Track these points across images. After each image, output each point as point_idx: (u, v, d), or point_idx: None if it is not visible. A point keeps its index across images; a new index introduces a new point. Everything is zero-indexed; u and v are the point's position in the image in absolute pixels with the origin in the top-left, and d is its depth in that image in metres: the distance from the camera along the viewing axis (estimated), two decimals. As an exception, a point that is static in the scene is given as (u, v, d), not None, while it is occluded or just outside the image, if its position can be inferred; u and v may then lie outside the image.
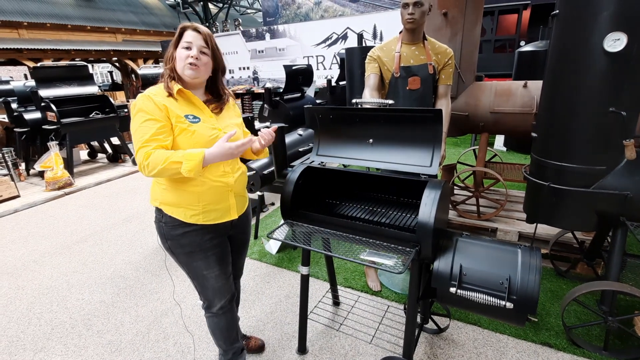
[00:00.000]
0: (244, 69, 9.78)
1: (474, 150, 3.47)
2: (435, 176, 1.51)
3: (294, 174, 1.64)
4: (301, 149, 2.92)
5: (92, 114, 5.60)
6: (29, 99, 5.65)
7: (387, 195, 1.85)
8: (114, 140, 6.22)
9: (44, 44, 11.52)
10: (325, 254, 1.73)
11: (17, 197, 4.66)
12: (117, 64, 15.68)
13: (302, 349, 1.89)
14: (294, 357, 1.88)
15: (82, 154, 6.91)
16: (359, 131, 1.62)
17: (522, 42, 5.82)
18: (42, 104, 5.16)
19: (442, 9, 2.60)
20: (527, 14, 6.24)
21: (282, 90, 4.38)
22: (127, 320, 2.25)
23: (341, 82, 5.60)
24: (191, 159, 1.22)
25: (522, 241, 2.51)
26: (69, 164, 5.25)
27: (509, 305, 1.22)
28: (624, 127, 1.57)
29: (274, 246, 2.92)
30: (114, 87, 14.85)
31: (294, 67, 4.39)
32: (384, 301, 2.26)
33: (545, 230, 2.44)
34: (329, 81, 5.42)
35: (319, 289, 2.43)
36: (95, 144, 6.74)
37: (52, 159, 4.87)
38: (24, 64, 11.22)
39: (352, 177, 1.90)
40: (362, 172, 1.73)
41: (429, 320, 1.92)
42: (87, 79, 5.83)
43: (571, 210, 1.78)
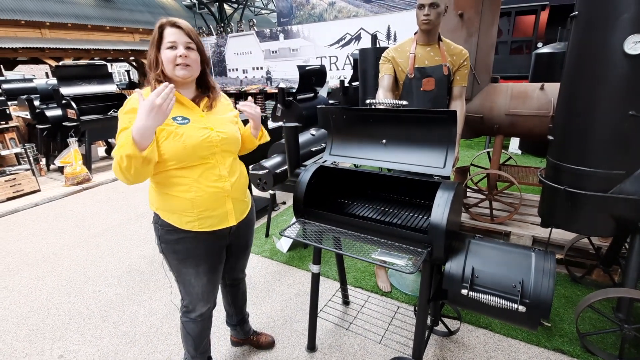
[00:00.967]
0: (257, 69, 9.86)
1: (488, 152, 3.43)
2: (448, 178, 1.51)
3: (306, 173, 1.66)
4: (314, 149, 2.94)
5: (110, 112, 5.75)
6: (50, 96, 5.83)
7: (399, 195, 1.85)
8: (130, 137, 6.36)
9: (65, 43, 11.86)
10: (336, 252, 1.74)
11: (38, 191, 4.82)
12: (134, 63, 16.01)
13: (311, 347, 1.91)
14: (304, 355, 1.90)
15: (100, 150, 7.09)
16: (372, 131, 1.62)
17: (540, 44, 5.71)
18: (63, 102, 5.32)
19: (458, 9, 2.58)
20: (545, 15, 6.12)
21: (295, 90, 4.41)
22: (141, 312, 2.31)
23: (354, 83, 5.60)
24: (123, 144, 1.09)
25: (536, 246, 2.47)
26: (88, 160, 5.40)
27: (522, 308, 1.21)
28: (644, 131, 1.53)
29: (285, 244, 2.95)
30: (131, 85, 15.17)
31: (307, 68, 4.42)
32: (393, 302, 2.26)
33: (560, 235, 2.40)
34: (341, 82, 5.43)
35: (329, 288, 2.44)
36: (112, 141, 6.90)
37: (72, 155, 5.02)
38: (46, 63, 11.57)
39: (365, 177, 1.91)
40: (375, 172, 1.74)
41: (439, 322, 1.92)
42: (106, 77, 5.99)
43: (588, 215, 1.75)
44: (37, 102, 5.86)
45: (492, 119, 2.71)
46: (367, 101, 1.65)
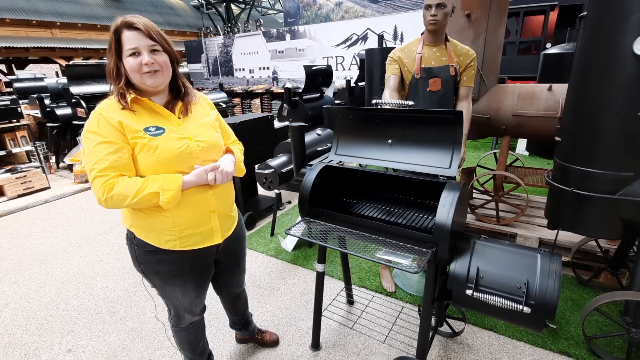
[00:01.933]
0: (264, 69, 9.91)
1: (495, 153, 3.41)
2: (454, 178, 1.51)
3: (312, 173, 1.67)
4: (319, 149, 2.95)
5: (119, 111, 5.82)
6: (60, 95, 5.93)
7: (404, 196, 1.85)
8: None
9: (75, 43, 12.04)
10: (341, 251, 1.75)
11: (48, 188, 4.91)
12: (142, 63, 16.16)
13: (315, 345, 1.92)
14: (308, 353, 1.91)
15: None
16: (378, 131, 1.63)
17: (549, 44, 5.66)
18: (73, 100, 5.41)
19: (466, 10, 2.57)
20: (554, 15, 6.06)
21: (301, 90, 4.42)
22: (148, 309, 2.34)
23: (360, 83, 5.60)
24: (169, 188, 1.06)
25: (542, 248, 2.45)
26: (96, 158, 5.46)
27: (527, 309, 1.21)
28: (653, 133, 1.52)
29: (290, 243, 2.96)
30: (139, 85, 15.35)
31: (313, 68, 4.43)
32: (398, 302, 2.26)
33: (567, 237, 2.38)
34: (348, 82, 5.43)
35: (334, 287, 2.45)
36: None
37: (81, 153, 5.09)
38: (56, 62, 11.75)
39: (370, 176, 1.91)
40: (380, 172, 1.74)
41: (444, 323, 1.92)
42: (115, 77, 6.06)
43: (595, 217, 1.73)
44: (47, 101, 5.96)
45: (499, 120, 2.70)
46: (373, 101, 1.65)
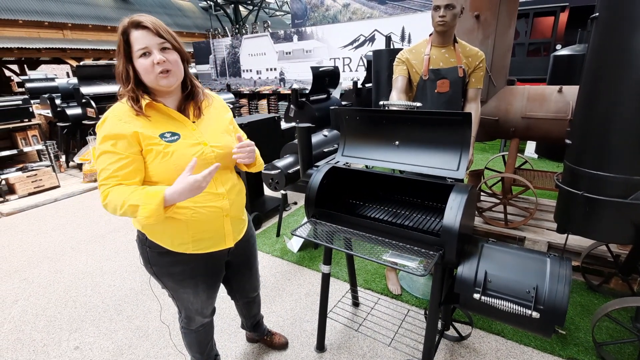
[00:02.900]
0: (271, 70, 9.95)
1: (503, 156, 3.37)
2: (461, 180, 1.50)
3: (318, 174, 1.67)
4: (326, 150, 2.95)
5: (128, 111, 5.88)
6: (71, 95, 6.02)
7: (411, 198, 1.84)
8: (146, 136, 6.50)
9: (86, 44, 12.22)
10: (347, 252, 1.74)
11: (58, 187, 4.98)
12: (151, 64, 16.34)
13: (320, 347, 1.91)
14: (313, 355, 1.91)
15: (117, 148, 7.26)
16: (385, 133, 1.62)
17: (559, 46, 5.59)
18: (83, 101, 5.48)
19: (474, 11, 2.55)
20: (564, 17, 5.98)
21: (308, 91, 4.43)
22: (154, 308, 2.35)
23: (367, 85, 5.59)
24: (148, 202, 1.01)
25: (551, 252, 2.42)
26: (105, 157, 5.53)
27: (535, 315, 1.19)
28: (667, 136, 1.49)
29: (295, 244, 2.96)
30: (148, 85, 15.51)
31: (320, 69, 4.43)
32: (404, 305, 2.25)
33: (577, 241, 2.34)
34: (355, 83, 5.43)
35: (339, 289, 2.44)
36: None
37: (90, 152, 5.17)
38: (67, 63, 11.94)
39: (377, 178, 1.91)
40: (387, 173, 1.73)
41: (450, 327, 1.90)
42: (124, 77, 6.12)
43: (606, 221, 1.70)
44: (58, 101, 6.05)
45: (507, 122, 2.67)
46: (381, 102, 1.65)
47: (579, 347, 1.85)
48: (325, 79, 4.55)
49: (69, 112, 5.64)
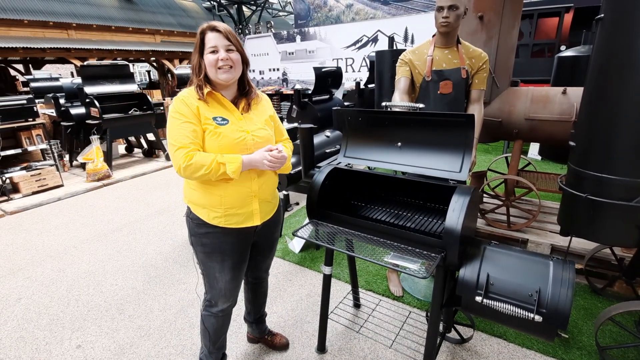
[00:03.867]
0: (274, 70, 9.95)
1: (507, 157, 3.35)
2: (464, 182, 1.49)
3: (320, 175, 1.67)
4: (328, 150, 2.95)
5: (131, 111, 5.91)
6: (75, 95, 6.05)
7: (413, 199, 1.83)
8: (149, 136, 6.53)
9: (90, 44, 12.27)
10: (348, 254, 1.74)
11: (61, 186, 5.00)
12: (154, 64, 16.42)
13: (321, 348, 1.91)
14: (313, 356, 1.90)
15: (120, 148, 7.30)
16: (387, 134, 1.62)
17: (563, 47, 5.55)
18: (87, 100, 5.51)
19: (478, 12, 2.54)
20: (569, 17, 5.95)
21: (311, 91, 4.43)
22: (156, 307, 2.36)
23: (370, 85, 5.58)
24: (233, 161, 1.28)
25: (555, 255, 2.40)
26: (109, 157, 5.57)
27: (538, 318, 1.18)
28: (673, 139, 1.47)
29: (297, 245, 2.96)
30: (151, 85, 15.59)
31: (323, 70, 4.43)
32: (405, 307, 2.24)
33: (580, 244, 2.32)
34: (357, 84, 5.42)
35: (340, 290, 2.44)
36: (132, 139, 7.10)
37: (94, 152, 5.19)
38: (72, 63, 12.00)
39: (379, 179, 1.90)
40: (389, 175, 1.73)
41: (452, 329, 1.89)
42: (128, 77, 6.16)
43: (610, 224, 1.68)
44: (62, 101, 6.09)
45: (511, 124, 2.65)
46: (383, 104, 1.64)
47: (582, 351, 1.83)
48: (327, 79, 4.54)
49: (73, 111, 5.67)
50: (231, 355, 1.94)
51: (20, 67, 15.04)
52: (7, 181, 4.62)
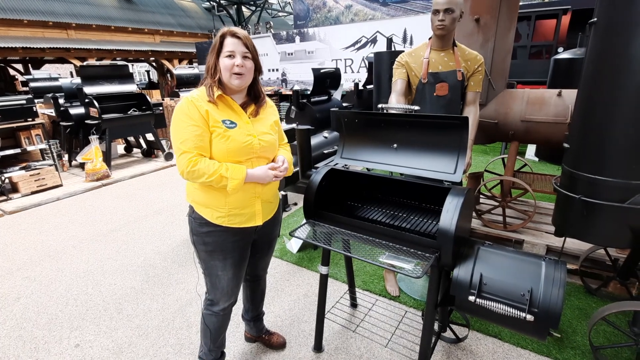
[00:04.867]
0: (273, 70, 9.98)
1: (503, 158, 3.38)
2: (459, 183, 1.51)
3: (317, 175, 1.69)
4: (326, 151, 2.97)
5: (130, 111, 5.92)
6: (74, 95, 6.06)
7: (409, 200, 1.85)
8: (148, 136, 6.54)
9: (90, 44, 12.28)
10: (345, 254, 1.76)
11: (60, 186, 5.01)
12: (154, 64, 16.43)
13: (318, 347, 1.93)
14: (310, 355, 1.92)
15: (119, 148, 7.31)
16: (384, 136, 1.64)
17: (561, 49, 5.58)
18: (86, 100, 5.52)
19: (475, 14, 2.56)
20: (566, 20, 5.98)
21: (309, 92, 4.45)
22: (154, 307, 2.37)
23: (369, 86, 5.60)
24: (235, 177, 1.32)
25: (550, 255, 2.42)
26: (108, 157, 5.57)
27: (530, 317, 1.20)
28: (664, 141, 1.49)
29: (294, 245, 2.98)
30: (151, 85, 15.58)
31: (322, 71, 4.45)
32: (401, 306, 2.26)
33: (576, 245, 2.35)
34: (356, 85, 5.44)
35: (337, 290, 2.45)
36: (131, 139, 7.10)
37: (93, 151, 5.20)
38: (71, 62, 12.01)
39: (375, 180, 1.92)
40: (385, 176, 1.75)
41: (447, 328, 1.91)
42: (127, 77, 6.16)
43: (604, 225, 1.70)
44: (61, 100, 6.09)
45: (507, 125, 2.68)
46: (379, 105, 1.66)
47: (576, 351, 1.86)
48: (326, 80, 4.56)
49: (72, 111, 5.67)
50: (229, 354, 1.95)
51: (19, 66, 15.04)
52: (6, 181, 4.62)
